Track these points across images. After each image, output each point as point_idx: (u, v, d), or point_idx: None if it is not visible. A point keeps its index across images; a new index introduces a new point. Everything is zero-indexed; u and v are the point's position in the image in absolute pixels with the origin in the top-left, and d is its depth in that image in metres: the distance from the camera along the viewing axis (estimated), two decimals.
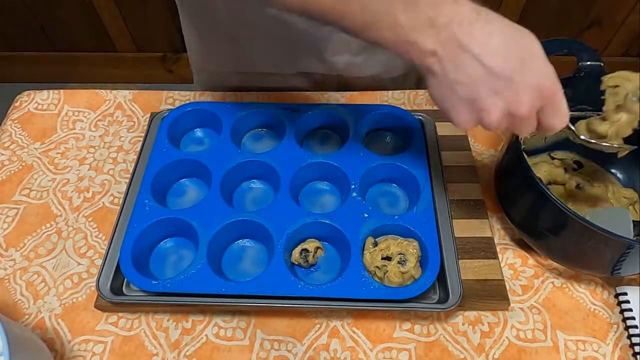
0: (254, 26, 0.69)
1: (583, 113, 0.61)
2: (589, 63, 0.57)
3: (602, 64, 0.57)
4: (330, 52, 0.72)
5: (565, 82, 0.59)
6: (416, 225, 0.57)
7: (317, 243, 0.57)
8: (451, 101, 0.42)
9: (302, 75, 0.78)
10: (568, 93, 0.60)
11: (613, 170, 0.66)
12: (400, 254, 0.54)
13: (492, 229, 0.62)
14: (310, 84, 0.79)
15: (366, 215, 0.58)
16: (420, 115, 0.69)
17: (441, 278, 0.55)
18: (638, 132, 0.62)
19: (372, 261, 0.55)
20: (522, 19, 1.62)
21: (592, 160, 0.66)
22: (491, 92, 0.40)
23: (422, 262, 0.55)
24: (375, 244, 0.56)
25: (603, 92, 0.55)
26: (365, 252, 0.55)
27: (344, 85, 0.78)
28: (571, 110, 0.61)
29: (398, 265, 0.54)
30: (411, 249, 0.55)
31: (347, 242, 0.56)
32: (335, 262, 0.58)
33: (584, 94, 0.60)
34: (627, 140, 0.53)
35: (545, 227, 0.54)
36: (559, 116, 0.43)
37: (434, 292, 0.55)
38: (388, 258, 0.54)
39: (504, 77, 0.39)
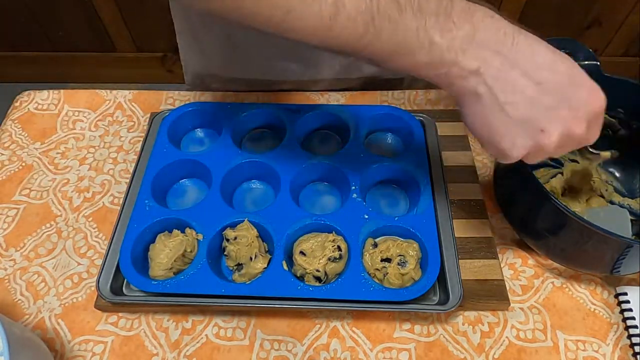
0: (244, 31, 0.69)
1: None
2: (585, 63, 0.57)
3: (598, 64, 0.57)
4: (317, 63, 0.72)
5: None
6: (416, 227, 0.57)
7: None
8: (503, 126, 0.37)
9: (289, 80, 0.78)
10: None
11: (611, 170, 0.66)
12: (400, 255, 0.54)
13: (492, 229, 0.62)
14: (296, 85, 0.79)
15: (366, 217, 0.58)
16: (421, 116, 0.69)
17: (441, 279, 0.55)
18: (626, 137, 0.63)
19: (371, 263, 0.55)
20: (522, 19, 1.62)
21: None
22: (547, 109, 0.36)
23: (422, 263, 0.55)
24: (375, 245, 0.56)
25: None
26: (365, 253, 0.55)
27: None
28: None
29: (398, 267, 0.54)
30: (411, 250, 0.55)
31: (347, 244, 0.56)
32: None
33: None
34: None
35: (544, 227, 0.54)
36: (598, 130, 0.39)
37: (434, 294, 0.55)
38: (388, 259, 0.54)
39: (558, 93, 0.36)
